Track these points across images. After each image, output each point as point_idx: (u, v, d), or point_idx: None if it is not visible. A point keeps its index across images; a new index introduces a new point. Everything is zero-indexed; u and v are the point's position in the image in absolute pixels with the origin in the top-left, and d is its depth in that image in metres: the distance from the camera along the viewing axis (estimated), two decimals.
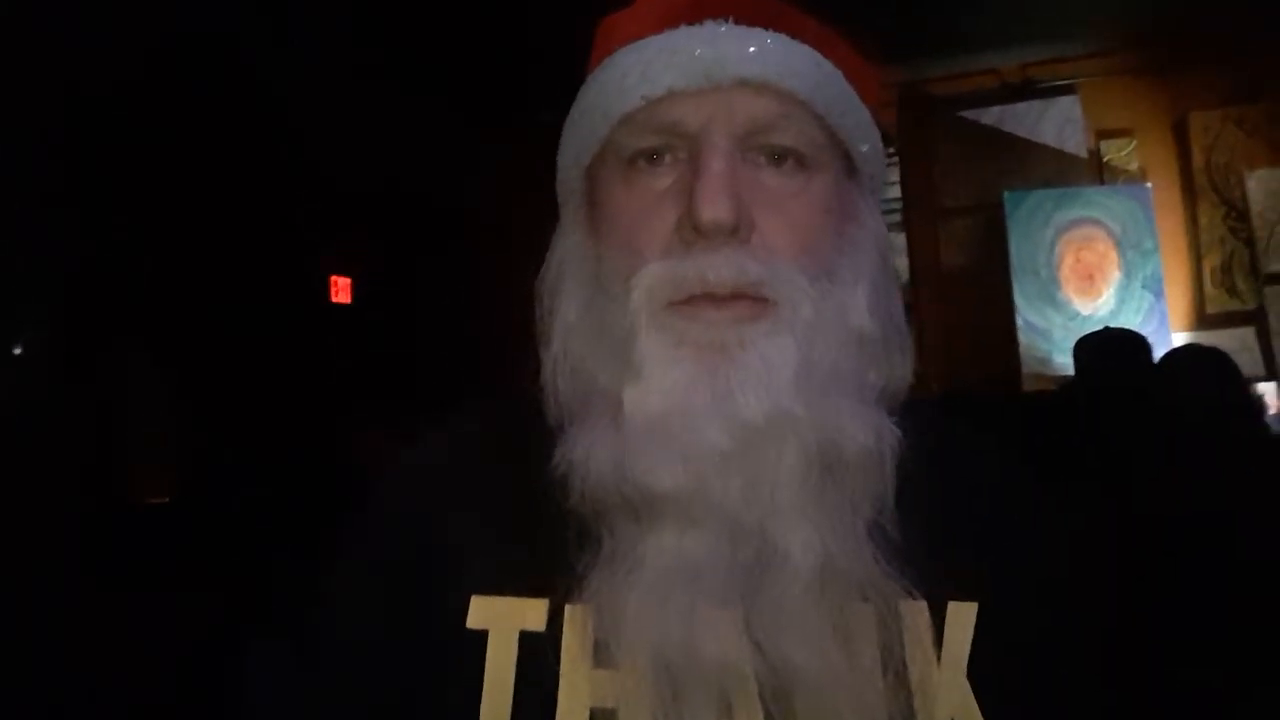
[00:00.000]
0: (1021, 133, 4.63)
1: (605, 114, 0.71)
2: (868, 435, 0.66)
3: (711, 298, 0.66)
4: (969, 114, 4.72)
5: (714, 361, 0.66)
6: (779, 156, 0.70)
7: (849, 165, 0.75)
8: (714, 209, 0.65)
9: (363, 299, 4.86)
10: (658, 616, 0.63)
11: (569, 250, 0.76)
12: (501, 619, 0.68)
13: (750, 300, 0.67)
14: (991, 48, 4.46)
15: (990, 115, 4.68)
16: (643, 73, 0.69)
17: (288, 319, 4.24)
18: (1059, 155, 4.58)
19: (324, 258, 4.69)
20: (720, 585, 0.63)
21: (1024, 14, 4.04)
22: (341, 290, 4.86)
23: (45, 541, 2.81)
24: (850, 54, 0.75)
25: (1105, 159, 4.54)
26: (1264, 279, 4.25)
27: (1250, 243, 4.30)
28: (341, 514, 0.78)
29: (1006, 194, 4.48)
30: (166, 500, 3.55)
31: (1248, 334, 4.25)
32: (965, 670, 0.67)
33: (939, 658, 0.68)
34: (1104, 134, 4.55)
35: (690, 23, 0.70)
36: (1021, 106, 4.62)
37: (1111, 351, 2.59)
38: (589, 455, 0.66)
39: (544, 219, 0.81)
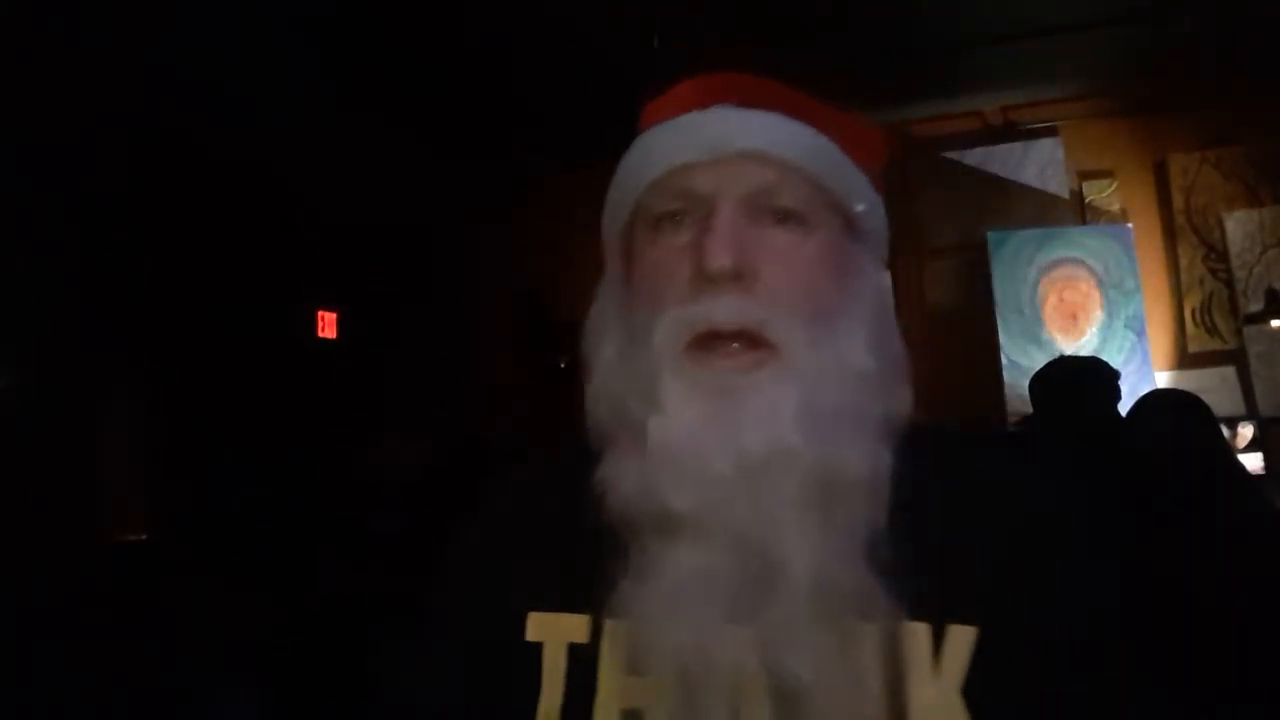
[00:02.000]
0: (1004, 174, 4.68)
1: (636, 182, 0.84)
2: (862, 463, 0.74)
3: (719, 337, 0.76)
4: (952, 155, 4.77)
5: (724, 403, 0.75)
6: (782, 217, 0.80)
7: (849, 224, 0.85)
8: (717, 257, 0.75)
9: (348, 334, 4.84)
10: (674, 625, 0.71)
11: (609, 299, 0.88)
12: (553, 633, 0.80)
13: (755, 349, 0.76)
14: (974, 91, 4.53)
15: (973, 156, 4.73)
16: (665, 148, 0.83)
17: (274, 354, 4.21)
18: (1041, 196, 4.63)
19: (310, 292, 4.68)
20: (730, 597, 0.71)
21: (1005, 58, 4.11)
22: (328, 325, 4.84)
23: (22, 577, 2.76)
24: (846, 124, 0.86)
25: (1087, 199, 4.60)
26: (1243, 319, 4.30)
27: (1229, 283, 4.35)
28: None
29: (990, 234, 4.52)
30: (143, 537, 3.50)
31: (1228, 373, 4.29)
32: (960, 694, 0.72)
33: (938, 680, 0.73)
34: (1085, 175, 4.62)
35: (702, 107, 0.84)
36: (1004, 148, 4.68)
37: (1071, 385, 2.44)
38: (620, 478, 0.76)
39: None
